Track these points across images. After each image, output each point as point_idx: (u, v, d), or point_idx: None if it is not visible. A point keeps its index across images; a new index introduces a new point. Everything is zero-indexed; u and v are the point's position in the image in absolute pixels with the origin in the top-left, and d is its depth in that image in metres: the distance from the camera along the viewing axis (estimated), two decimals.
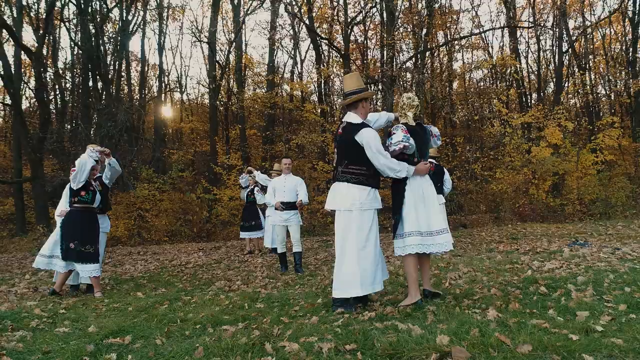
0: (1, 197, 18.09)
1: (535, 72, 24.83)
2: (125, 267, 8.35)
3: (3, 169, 21.20)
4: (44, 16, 16.17)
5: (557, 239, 8.68)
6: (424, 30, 17.50)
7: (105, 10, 15.65)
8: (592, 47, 23.77)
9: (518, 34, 24.30)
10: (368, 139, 3.62)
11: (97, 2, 15.55)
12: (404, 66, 17.82)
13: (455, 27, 23.80)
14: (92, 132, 14.39)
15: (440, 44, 19.76)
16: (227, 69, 18.55)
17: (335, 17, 19.50)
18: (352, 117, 3.82)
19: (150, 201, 16.13)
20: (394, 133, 3.81)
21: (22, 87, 18.14)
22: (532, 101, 23.97)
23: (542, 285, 4.24)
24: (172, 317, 3.77)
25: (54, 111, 21.69)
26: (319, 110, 17.07)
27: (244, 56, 21.44)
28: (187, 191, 16.40)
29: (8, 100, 16.12)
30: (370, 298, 4.00)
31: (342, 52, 16.78)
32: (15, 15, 16.14)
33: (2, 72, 14.68)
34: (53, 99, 22.22)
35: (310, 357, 2.47)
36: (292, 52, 24.81)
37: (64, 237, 5.32)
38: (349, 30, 17.31)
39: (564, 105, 22.08)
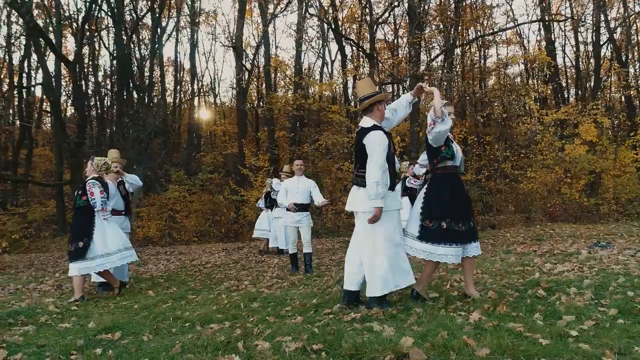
0: (45, 199, 19.13)
1: (574, 67, 23.92)
2: (148, 266, 8.69)
3: (49, 172, 22.41)
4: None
5: (582, 240, 8.37)
6: (452, 27, 17.22)
7: (135, 18, 16.25)
8: (636, 38, 22.63)
9: (557, 27, 23.53)
10: (371, 142, 3.66)
11: (129, 11, 16.16)
12: (431, 64, 17.57)
13: (487, 22, 23.26)
14: (124, 136, 14.96)
15: (470, 40, 19.33)
16: (252, 72, 18.84)
17: (362, 18, 19.48)
18: (365, 122, 3.87)
19: (180, 202, 16.64)
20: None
21: (62, 95, 19.09)
22: (571, 97, 23.11)
23: (541, 289, 4.15)
24: (169, 315, 3.94)
25: (95, 116, 22.80)
26: (345, 111, 17.08)
27: (273, 58, 21.78)
28: (215, 192, 16.80)
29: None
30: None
31: (367, 52, 16.73)
32: (55, 25, 17.04)
33: (42, 82, 15.52)
34: (93, 105, 23.35)
35: (276, 356, 2.54)
36: (321, 53, 25.01)
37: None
38: (374, 30, 17.23)
39: (604, 100, 21.18)
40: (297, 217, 6.70)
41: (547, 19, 19.43)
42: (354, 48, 20.07)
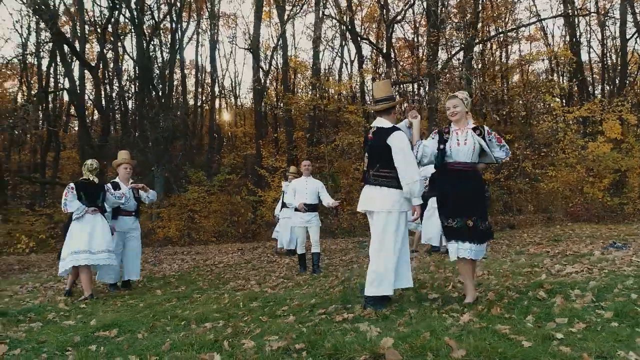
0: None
1: (600, 63, 23.24)
2: (162, 266, 8.88)
3: (76, 174, 23.11)
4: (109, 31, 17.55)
5: (601, 241, 8.14)
6: (471, 25, 16.98)
7: (154, 23, 16.62)
8: None
9: (583, 21, 22.91)
10: (398, 142, 3.73)
11: (148, 16, 16.52)
12: (449, 62, 17.37)
13: (509, 17, 22.83)
14: (144, 139, 15.30)
15: (488, 37, 19.02)
16: (270, 74, 19.01)
17: (379, 17, 19.42)
18: (383, 122, 3.93)
19: (200, 203, 16.91)
20: (500, 140, 3.92)
21: (86, 99, 19.65)
22: (597, 94, 22.47)
23: (542, 290, 4.08)
24: (168, 313, 4.04)
25: (119, 119, 23.42)
26: (362, 111, 17.04)
27: (292, 59, 21.91)
28: (232, 193, 17.02)
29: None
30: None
31: (384, 52, 16.66)
32: (79, 31, 17.58)
33: (67, 86, 16.02)
34: (118, 109, 23.97)
35: (257, 355, 2.59)
36: (340, 53, 25.03)
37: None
38: (391, 29, 17.14)
39: (632, 96, 20.47)
40: (306, 218, 6.75)
41: (571, 13, 18.94)
42: (371, 47, 19.98)
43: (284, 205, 8.58)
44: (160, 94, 17.50)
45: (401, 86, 20.33)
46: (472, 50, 18.35)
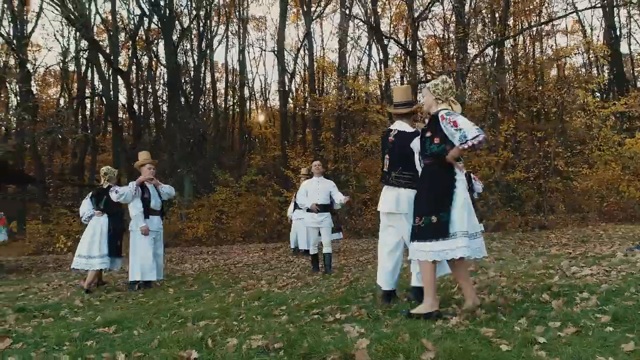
0: None
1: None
2: (184, 265, 9.12)
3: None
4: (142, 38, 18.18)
5: (630, 242, 7.79)
6: (499, 20, 16.57)
7: (182, 29, 17.06)
8: None
9: (624, 12, 21.89)
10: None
11: (178, 21, 16.98)
12: (478, 58, 16.99)
13: (542, 10, 22.07)
14: (172, 141, 15.73)
15: (520, 30, 18.47)
16: (296, 75, 19.15)
17: (405, 15, 19.22)
18: (404, 126, 3.99)
19: (228, 204, 17.24)
20: (456, 123, 3.29)
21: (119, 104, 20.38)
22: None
23: (546, 293, 3.96)
24: (171, 311, 4.16)
25: (153, 122, 24.17)
26: (386, 111, 16.91)
27: (319, 60, 22.02)
28: (259, 194, 17.26)
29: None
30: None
31: (408, 50, 16.48)
32: (112, 38, 18.27)
33: (102, 92, 16.68)
34: (152, 112, 24.76)
35: (234, 353, 2.65)
36: (368, 52, 24.93)
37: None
38: (416, 27, 16.93)
39: None
40: (318, 218, 6.77)
41: (607, 3, 18.13)
42: (398, 46, 19.80)
43: (296, 206, 8.65)
44: (189, 97, 17.94)
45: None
46: (502, 46, 17.90)
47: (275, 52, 18.29)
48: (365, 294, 4.77)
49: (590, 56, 22.50)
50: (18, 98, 19.23)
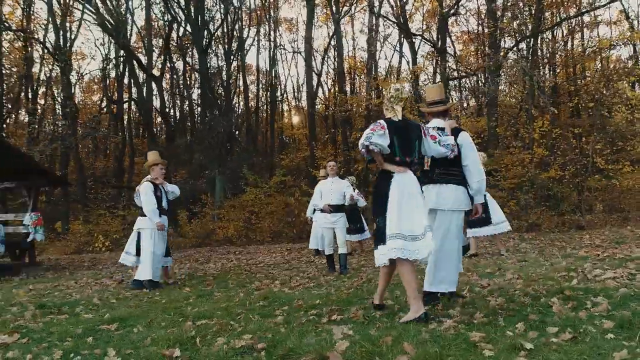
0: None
1: None
2: (208, 264, 9.30)
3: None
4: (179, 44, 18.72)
5: None
6: (530, 13, 15.99)
7: (212, 32, 17.40)
8: None
9: None
10: (468, 143, 3.94)
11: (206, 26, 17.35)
12: (510, 54, 16.47)
13: (581, 1, 21.10)
14: (201, 144, 16.09)
15: (558, 21, 17.75)
16: (323, 75, 19.19)
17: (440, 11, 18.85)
18: (441, 123, 4.03)
19: (258, 204, 17.46)
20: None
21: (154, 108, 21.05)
22: None
23: (556, 297, 3.79)
24: (176, 310, 4.25)
25: (189, 125, 24.82)
26: (417, 110, 16.64)
27: (348, 60, 21.96)
28: (288, 194, 17.38)
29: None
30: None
31: (438, 47, 16.17)
32: (146, 44, 18.90)
33: (135, 97, 17.28)
34: (188, 116, 25.45)
35: (217, 352, 2.68)
36: (400, 51, 24.68)
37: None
38: (445, 23, 16.59)
39: None
40: (332, 219, 6.76)
41: None
42: (429, 44, 19.45)
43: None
44: (219, 100, 18.31)
45: (460, 81, 19.62)
46: (537, 39, 17.28)
47: (301, 54, 18.37)
48: (371, 295, 4.73)
49: (637, 47, 21.36)
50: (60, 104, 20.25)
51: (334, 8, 19.41)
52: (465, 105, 21.94)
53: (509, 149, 15.71)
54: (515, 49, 16.54)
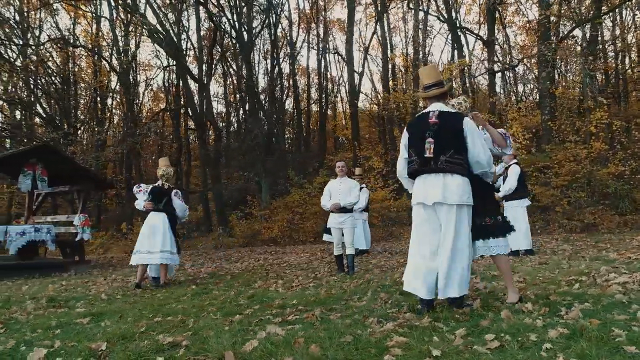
0: (196, 204, 22.29)
1: None
2: (236, 264, 9.55)
3: (199, 181, 26.06)
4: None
5: None
6: None
7: (248, 39, 17.85)
8: None
9: None
10: (474, 128, 3.58)
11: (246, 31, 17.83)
12: (565, 42, 15.37)
13: None
14: (241, 147, 16.55)
15: (615, 6, 16.29)
16: (362, 76, 18.96)
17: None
18: (443, 107, 3.68)
19: (302, 205, 17.67)
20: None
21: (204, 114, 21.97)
22: None
23: (529, 302, 3.52)
24: (156, 307, 4.43)
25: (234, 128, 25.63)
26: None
27: (393, 57, 21.59)
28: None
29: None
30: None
31: (484, 39, 15.46)
32: (197, 52, 19.79)
33: (186, 104, 18.12)
34: (235, 119, 26.37)
35: (140, 347, 2.77)
36: (452, 44, 23.83)
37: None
38: (492, 14, 15.81)
39: None
40: (340, 219, 6.71)
41: None
42: (475, 36, 18.65)
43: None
44: (264, 103, 18.76)
45: (512, 70, 18.61)
46: (595, 25, 15.97)
47: (342, 55, 18.32)
48: (355, 295, 4.65)
49: None
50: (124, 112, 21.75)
51: (378, 6, 19.23)
52: (514, 98, 20.74)
53: (564, 144, 14.67)
54: (570, 36, 15.42)
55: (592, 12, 14.87)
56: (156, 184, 6.80)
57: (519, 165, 7.61)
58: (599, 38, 16.56)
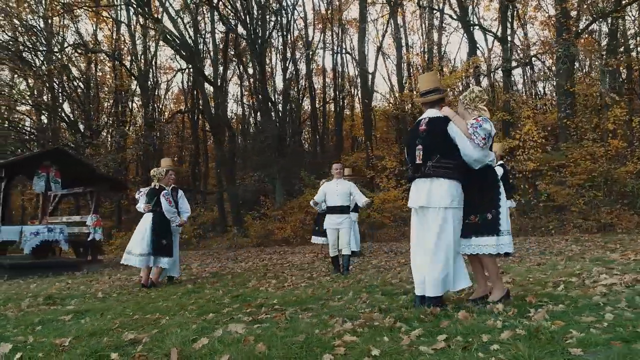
0: (212, 205, 22.57)
1: None
2: (240, 264, 9.66)
3: (214, 183, 26.37)
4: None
5: None
6: None
7: (261, 41, 17.96)
8: None
9: None
10: (458, 129, 3.65)
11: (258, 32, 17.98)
12: (582, 36, 14.97)
13: None
14: (253, 148, 16.70)
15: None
16: (375, 75, 18.87)
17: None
18: (435, 113, 3.82)
19: None
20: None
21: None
22: None
23: (499, 303, 3.47)
24: (150, 305, 4.54)
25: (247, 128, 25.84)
26: None
27: (407, 55, 21.43)
28: None
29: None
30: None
31: (498, 36, 15.20)
32: (212, 56, 20.10)
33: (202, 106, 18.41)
34: (249, 120, 26.58)
35: (103, 342, 2.86)
36: (469, 41, 23.50)
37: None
38: (505, 11, 15.53)
39: None
40: (337, 220, 6.73)
41: None
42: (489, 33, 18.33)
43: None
44: (277, 104, 18.89)
45: (529, 67, 18.22)
46: (615, 19, 15.49)
47: (352, 55, 18.29)
48: (337, 295, 4.66)
49: None
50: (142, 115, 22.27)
51: (389, 6, 19.10)
52: (527, 95, 20.26)
53: (581, 142, 14.28)
54: (587, 31, 14.99)
55: (612, 3, 14.43)
56: (151, 186, 6.95)
57: (504, 168, 7.42)
58: (619, 32, 16.03)
